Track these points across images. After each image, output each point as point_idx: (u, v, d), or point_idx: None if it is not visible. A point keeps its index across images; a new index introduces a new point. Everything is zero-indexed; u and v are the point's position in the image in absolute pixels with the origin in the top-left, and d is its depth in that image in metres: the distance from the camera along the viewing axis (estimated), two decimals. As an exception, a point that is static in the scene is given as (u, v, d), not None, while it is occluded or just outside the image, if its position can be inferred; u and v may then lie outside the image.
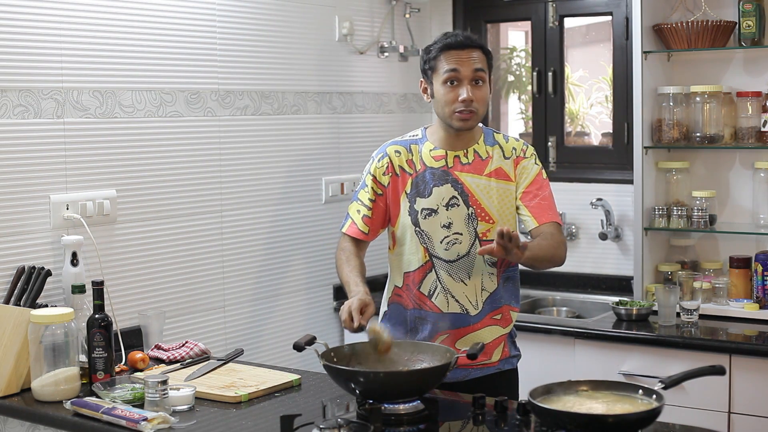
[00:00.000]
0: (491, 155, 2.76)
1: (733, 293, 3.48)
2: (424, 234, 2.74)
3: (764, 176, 3.52)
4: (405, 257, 2.78)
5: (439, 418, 2.34)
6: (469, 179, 2.73)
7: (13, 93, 2.84)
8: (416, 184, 2.75)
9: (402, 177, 2.77)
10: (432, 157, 2.76)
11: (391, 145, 2.83)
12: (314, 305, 3.87)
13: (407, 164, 2.77)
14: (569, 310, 3.95)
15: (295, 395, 2.59)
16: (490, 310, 2.75)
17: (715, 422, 3.10)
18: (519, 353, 2.87)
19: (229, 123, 3.49)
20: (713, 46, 3.54)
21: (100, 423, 2.34)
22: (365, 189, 2.81)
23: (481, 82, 2.70)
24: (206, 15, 3.40)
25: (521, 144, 2.81)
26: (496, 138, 2.80)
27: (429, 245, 2.74)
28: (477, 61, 2.70)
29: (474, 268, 2.73)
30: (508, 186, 2.75)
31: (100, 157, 3.06)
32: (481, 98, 2.70)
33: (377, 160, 2.80)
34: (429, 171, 2.75)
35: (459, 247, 2.72)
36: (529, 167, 2.77)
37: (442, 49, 2.72)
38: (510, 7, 4.29)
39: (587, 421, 2.05)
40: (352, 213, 2.83)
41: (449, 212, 2.72)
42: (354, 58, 4.02)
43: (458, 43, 2.71)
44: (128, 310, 3.13)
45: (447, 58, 2.70)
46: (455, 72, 2.68)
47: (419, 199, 2.74)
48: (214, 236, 3.44)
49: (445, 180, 2.73)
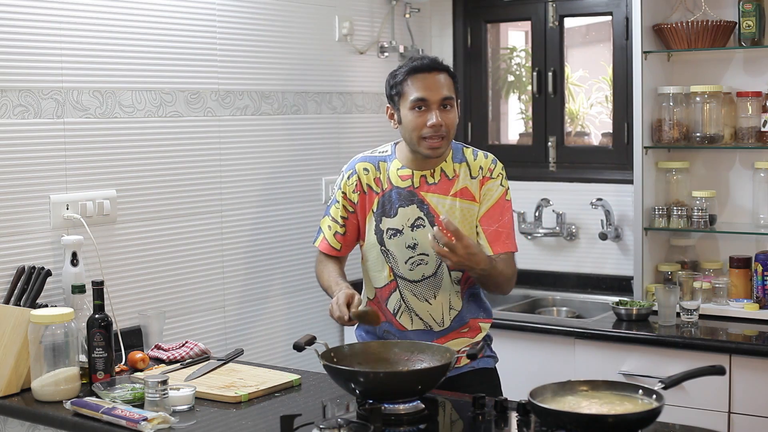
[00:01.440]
0: (458, 174, 2.71)
1: (733, 293, 3.48)
2: (390, 254, 2.73)
3: (764, 176, 3.52)
4: (372, 273, 2.79)
5: (439, 418, 2.34)
6: (435, 199, 2.69)
7: (13, 93, 2.84)
8: (382, 203, 2.73)
9: (369, 195, 2.76)
10: (399, 177, 2.73)
11: (361, 161, 2.80)
12: (314, 305, 3.87)
13: (374, 182, 2.76)
14: (569, 310, 3.95)
15: (295, 395, 2.59)
16: (458, 326, 2.75)
17: (715, 422, 3.10)
18: (494, 355, 2.85)
19: (229, 123, 3.49)
20: (713, 46, 3.54)
21: (100, 423, 2.34)
22: (336, 205, 2.80)
23: (449, 106, 2.66)
24: (206, 15, 3.40)
25: (489, 162, 2.74)
26: (465, 154, 2.75)
27: (394, 265, 2.73)
28: (444, 87, 2.66)
29: (441, 288, 2.72)
30: (472, 206, 2.70)
31: (100, 157, 3.06)
32: (450, 122, 2.66)
33: (347, 177, 2.79)
34: (395, 191, 2.72)
35: (424, 268, 2.71)
36: (493, 189, 2.71)
37: (409, 72, 2.67)
38: (510, 7, 4.29)
39: (587, 421, 2.05)
40: (324, 228, 2.83)
41: (414, 233, 2.70)
42: (354, 58, 4.02)
43: (424, 66, 2.67)
44: (128, 310, 3.13)
45: (414, 83, 2.66)
46: (423, 100, 2.63)
47: (385, 219, 2.73)
48: (214, 236, 3.45)
49: (411, 201, 2.70)
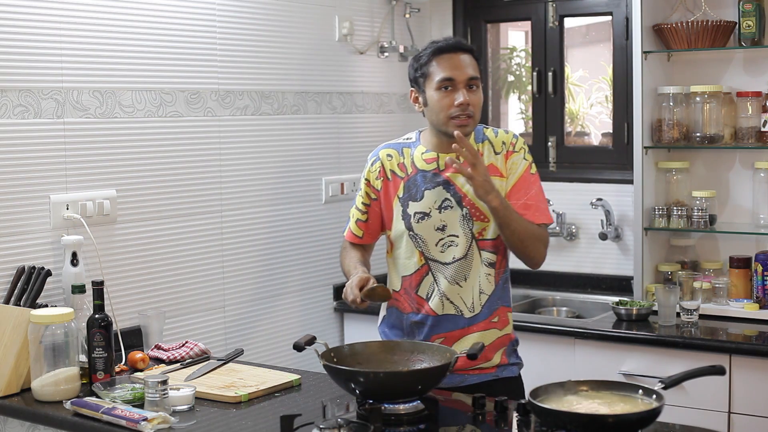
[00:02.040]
0: (482, 152, 2.70)
1: (733, 293, 3.48)
2: (419, 237, 2.72)
3: (764, 176, 3.52)
4: (401, 261, 2.77)
5: (439, 418, 2.34)
6: (461, 180, 2.67)
7: (13, 93, 2.84)
8: (408, 187, 2.73)
9: (394, 181, 2.76)
10: (423, 160, 2.73)
11: (384, 148, 2.82)
12: (314, 305, 3.87)
13: (398, 168, 2.76)
14: (569, 310, 3.95)
15: (295, 395, 2.59)
16: (489, 313, 2.72)
17: (715, 422, 3.10)
18: (520, 362, 2.82)
19: (229, 123, 3.49)
20: (713, 46, 3.54)
21: (100, 423, 2.34)
22: (360, 193, 2.83)
23: (475, 87, 2.66)
24: (206, 15, 3.40)
25: (510, 137, 2.74)
26: (485, 133, 2.75)
27: (424, 248, 2.72)
28: (470, 66, 2.66)
29: (471, 270, 2.70)
30: (500, 182, 2.68)
31: (100, 157, 3.06)
32: (477, 102, 2.66)
33: (370, 164, 2.81)
34: (420, 174, 2.72)
35: (455, 250, 2.69)
36: (518, 162, 2.71)
37: (434, 53, 2.67)
38: (510, 7, 4.29)
39: (587, 421, 2.05)
40: (351, 216, 2.87)
41: (442, 214, 2.69)
42: (354, 58, 4.02)
43: (449, 46, 2.67)
44: (128, 310, 3.13)
45: (439, 63, 2.66)
46: (449, 80, 2.63)
47: (411, 203, 2.72)
48: (214, 236, 3.44)
49: (437, 183, 2.70)
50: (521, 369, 2.82)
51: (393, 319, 2.81)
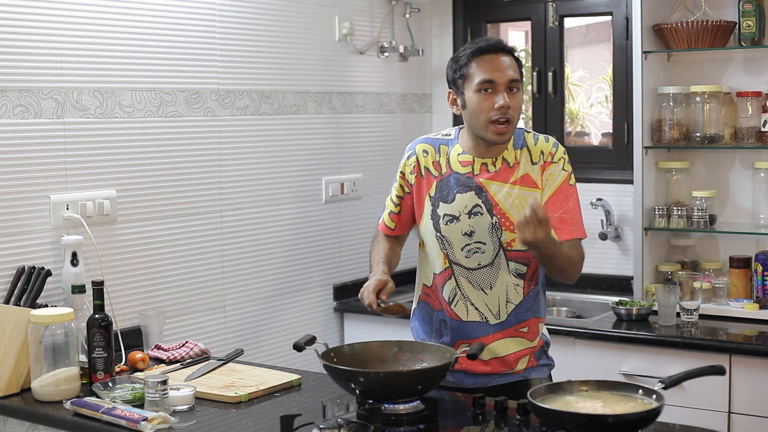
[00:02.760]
0: (519, 160, 2.63)
1: (733, 293, 3.48)
2: (445, 240, 2.65)
3: (764, 176, 3.52)
4: (431, 259, 2.70)
5: (439, 418, 2.34)
6: (495, 188, 2.61)
7: (13, 93, 2.84)
8: (440, 187, 2.66)
9: (427, 178, 2.68)
10: (459, 162, 2.65)
11: (421, 142, 2.73)
12: (314, 305, 3.87)
13: (433, 166, 2.68)
14: (569, 310, 3.95)
15: (295, 395, 2.59)
16: (516, 322, 2.64)
17: (715, 422, 3.10)
18: (551, 362, 2.75)
19: (229, 123, 3.49)
20: (713, 46, 3.54)
21: (100, 423, 2.34)
22: (395, 184, 2.77)
23: (515, 89, 2.57)
24: (206, 15, 3.40)
25: (550, 146, 2.66)
26: (525, 139, 2.66)
27: (449, 251, 2.65)
28: (511, 68, 2.57)
29: (498, 279, 2.62)
30: (533, 193, 2.61)
31: (100, 157, 3.06)
32: (517, 106, 2.57)
33: (406, 158, 2.73)
34: (454, 176, 2.64)
35: (480, 257, 2.62)
36: (555, 174, 2.63)
37: (474, 54, 2.58)
38: (510, 7, 4.29)
39: (587, 421, 2.05)
40: (386, 206, 2.81)
41: (471, 220, 2.61)
42: (354, 58, 4.02)
43: (490, 47, 2.58)
44: (128, 310, 3.13)
45: (479, 65, 2.56)
46: (490, 82, 2.54)
47: (442, 204, 2.65)
48: (214, 236, 3.44)
49: (469, 187, 2.62)
50: (552, 369, 2.76)
51: (424, 314, 2.76)
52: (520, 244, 2.51)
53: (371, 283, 2.53)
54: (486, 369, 2.66)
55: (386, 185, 4.17)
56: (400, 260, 2.78)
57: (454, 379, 2.66)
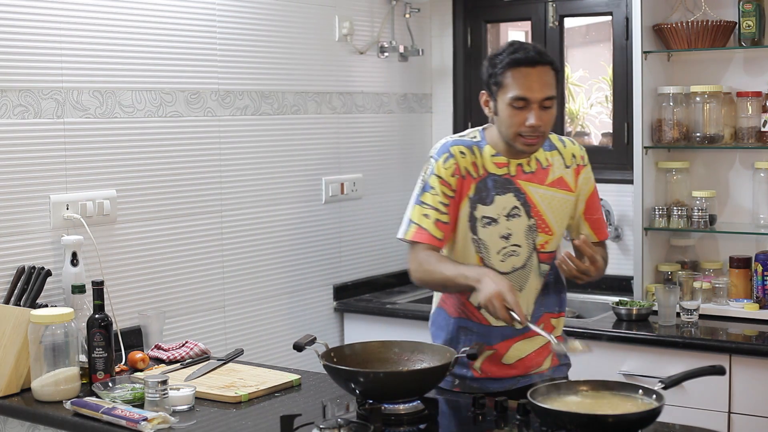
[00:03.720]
0: (551, 163, 2.61)
1: (733, 293, 3.48)
2: (481, 243, 2.58)
3: (764, 176, 3.52)
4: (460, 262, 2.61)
5: (439, 418, 2.34)
6: (532, 189, 2.57)
7: (13, 93, 2.84)
8: (479, 189, 2.57)
9: (467, 180, 2.57)
10: (494, 164, 2.58)
11: (454, 144, 2.59)
12: (314, 305, 3.87)
13: (472, 167, 2.57)
14: (569, 310, 3.94)
15: (295, 395, 2.59)
16: (533, 321, 2.57)
17: (715, 422, 3.10)
18: (569, 362, 2.75)
19: (229, 123, 3.49)
20: (713, 46, 3.54)
21: (100, 423, 2.34)
22: (431, 191, 2.57)
23: (549, 106, 2.49)
24: (206, 15, 3.40)
25: (578, 149, 2.66)
26: (553, 141, 2.64)
27: (485, 255, 2.58)
28: (547, 85, 2.47)
29: (528, 281, 2.60)
30: (568, 197, 2.61)
31: (100, 157, 3.06)
32: (549, 121, 2.50)
33: (443, 161, 2.57)
34: (491, 178, 2.57)
35: (515, 260, 2.58)
36: (589, 177, 2.66)
37: (510, 64, 2.46)
38: (510, 7, 4.29)
39: (587, 421, 2.05)
40: (416, 218, 2.57)
41: (509, 222, 2.56)
42: (354, 58, 4.02)
43: (528, 60, 2.45)
44: (128, 310, 3.13)
45: (515, 78, 2.46)
46: (523, 99, 2.46)
47: (480, 206, 2.57)
48: (214, 236, 3.44)
49: (508, 189, 2.57)
50: (570, 369, 2.75)
51: (439, 320, 2.71)
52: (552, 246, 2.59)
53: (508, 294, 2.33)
54: (513, 372, 2.63)
55: (386, 185, 4.20)
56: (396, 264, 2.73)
57: (478, 386, 2.63)
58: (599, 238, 2.68)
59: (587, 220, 2.66)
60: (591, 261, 2.46)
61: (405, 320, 3.75)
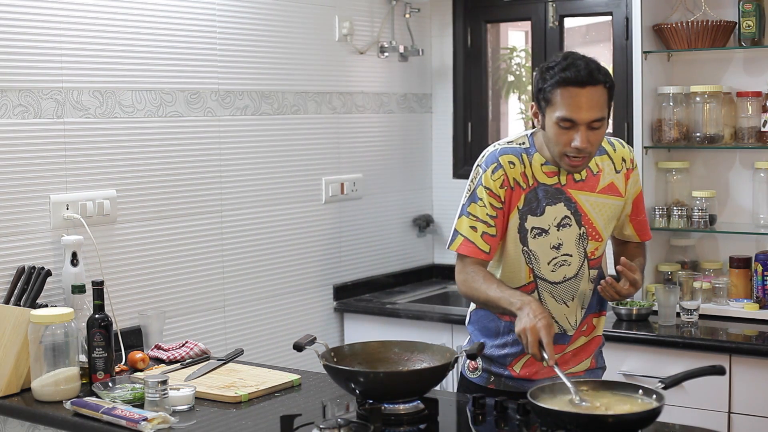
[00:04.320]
0: (602, 168, 2.55)
1: (733, 293, 3.48)
2: (532, 254, 2.52)
3: (764, 176, 3.52)
4: (506, 273, 2.56)
5: (439, 418, 2.34)
6: (583, 197, 2.52)
7: (13, 93, 2.84)
8: (528, 200, 2.51)
9: (516, 191, 2.51)
10: (544, 173, 2.51)
11: (503, 154, 2.52)
12: (314, 305, 3.87)
13: (521, 177, 2.51)
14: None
15: (295, 395, 2.59)
16: (580, 325, 2.60)
17: (715, 422, 3.10)
18: (605, 365, 2.71)
19: (229, 123, 3.49)
20: (713, 46, 3.54)
21: (100, 423, 2.34)
22: (479, 203, 2.51)
23: (598, 127, 2.41)
24: (206, 15, 3.40)
25: (628, 152, 2.60)
26: (603, 145, 2.56)
27: (535, 266, 2.53)
28: (596, 107, 2.38)
29: (579, 289, 2.55)
30: (618, 202, 2.57)
31: (100, 157, 3.06)
32: (597, 141, 2.42)
33: (491, 172, 2.50)
34: (542, 188, 2.51)
35: (566, 269, 2.53)
36: (637, 180, 2.61)
37: (560, 83, 2.38)
38: (510, 7, 4.29)
39: (587, 421, 2.05)
40: (464, 230, 2.52)
41: (560, 233, 2.51)
42: (354, 58, 4.02)
43: (579, 80, 2.36)
44: (128, 310, 3.13)
45: (564, 97, 2.37)
46: (570, 120, 2.38)
47: (530, 217, 2.51)
48: (214, 236, 3.44)
49: (559, 199, 2.51)
50: (604, 373, 2.71)
51: (482, 320, 2.64)
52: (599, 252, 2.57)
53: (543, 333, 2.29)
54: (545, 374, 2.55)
55: (386, 185, 4.21)
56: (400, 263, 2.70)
57: (514, 384, 2.59)
58: (642, 239, 2.67)
59: (632, 221, 2.63)
60: (631, 283, 2.44)
61: (405, 320, 3.75)
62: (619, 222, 2.63)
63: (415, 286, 4.22)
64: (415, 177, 4.37)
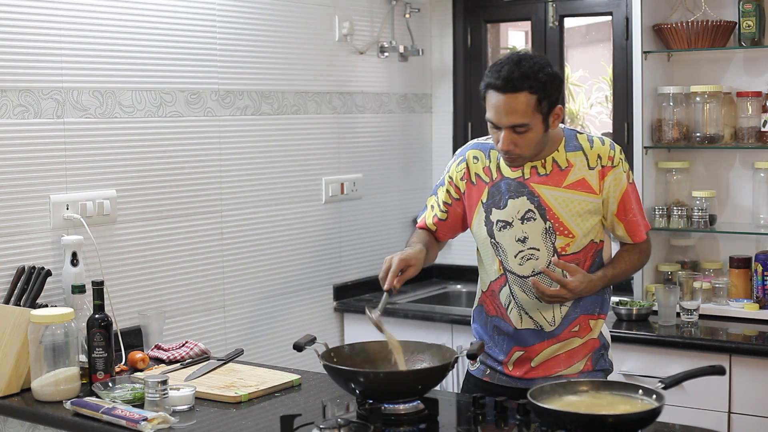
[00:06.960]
0: (572, 164, 2.55)
1: (733, 293, 3.48)
2: (499, 246, 2.58)
3: (764, 176, 3.52)
4: (486, 266, 2.65)
5: (439, 418, 2.34)
6: (547, 192, 2.53)
7: (13, 93, 2.84)
8: (492, 193, 2.59)
9: (478, 185, 2.61)
10: (508, 167, 2.57)
11: (472, 148, 2.66)
12: (314, 305, 3.87)
13: (483, 172, 2.61)
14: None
15: (295, 395, 2.59)
16: (567, 324, 2.58)
17: (715, 422, 3.10)
18: (609, 367, 2.67)
19: (229, 123, 3.49)
20: (713, 46, 3.54)
21: (100, 423, 2.34)
22: (442, 188, 2.70)
23: (522, 131, 2.44)
24: (206, 15, 3.40)
25: (607, 150, 2.56)
26: (579, 140, 2.58)
27: (503, 258, 2.58)
28: (517, 114, 2.41)
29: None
30: (592, 199, 2.54)
31: (100, 157, 3.06)
32: (524, 143, 2.46)
33: (456, 164, 2.66)
34: (504, 181, 2.57)
35: (534, 263, 2.55)
36: (619, 179, 2.55)
37: (486, 87, 2.46)
38: (510, 7, 4.29)
39: (587, 421, 2.05)
40: (428, 205, 2.74)
41: (524, 226, 2.54)
42: (354, 58, 4.02)
43: (499, 86, 2.42)
44: (128, 310, 3.13)
45: (489, 99, 2.46)
46: (492, 122, 2.47)
47: (495, 210, 2.58)
48: (214, 236, 3.44)
49: (521, 192, 2.55)
50: (609, 375, 2.69)
51: (480, 318, 2.70)
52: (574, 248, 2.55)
53: (395, 263, 2.46)
54: (535, 374, 2.59)
55: (386, 185, 4.21)
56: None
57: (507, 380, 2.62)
58: (633, 241, 2.62)
59: (622, 221, 2.59)
60: (562, 285, 2.47)
61: (405, 320, 3.75)
62: (607, 221, 2.60)
63: (415, 286, 4.21)
64: (415, 177, 4.37)
